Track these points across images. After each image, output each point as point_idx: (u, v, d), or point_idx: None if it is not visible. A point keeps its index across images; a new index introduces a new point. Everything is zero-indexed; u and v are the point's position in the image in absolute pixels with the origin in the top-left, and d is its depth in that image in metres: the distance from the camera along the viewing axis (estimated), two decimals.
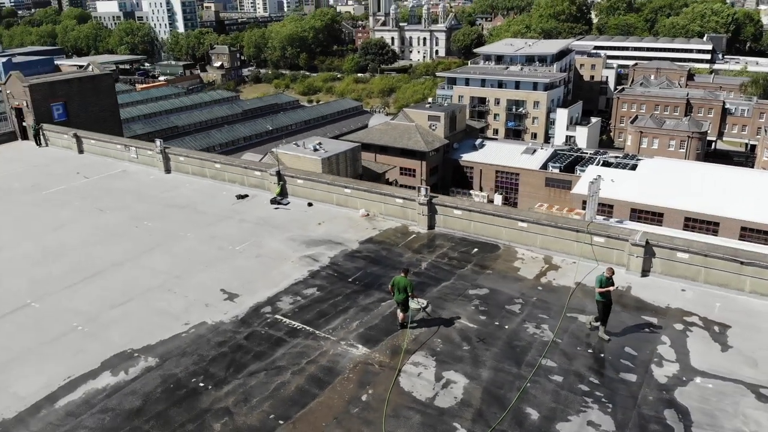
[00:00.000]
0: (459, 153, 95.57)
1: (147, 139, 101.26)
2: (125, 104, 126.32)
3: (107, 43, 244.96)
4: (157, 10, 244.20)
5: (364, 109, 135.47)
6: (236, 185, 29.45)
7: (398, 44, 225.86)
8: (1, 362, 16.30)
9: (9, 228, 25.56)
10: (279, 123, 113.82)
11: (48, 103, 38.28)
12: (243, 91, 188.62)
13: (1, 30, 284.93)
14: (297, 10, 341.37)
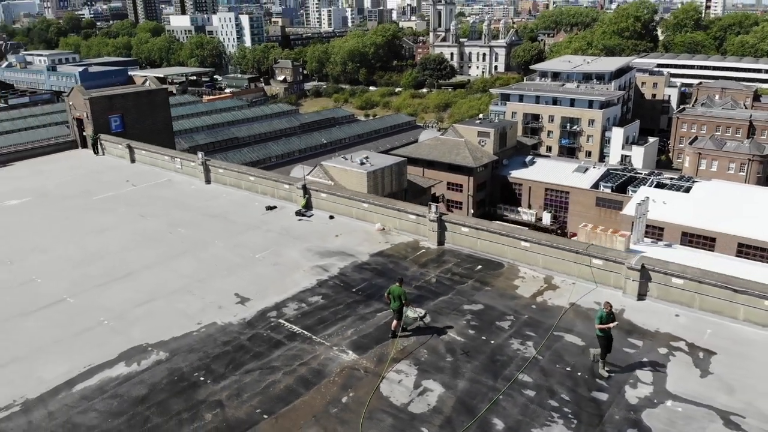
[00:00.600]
0: (508, 169, 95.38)
1: (209, 149, 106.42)
2: (191, 115, 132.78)
3: (179, 55, 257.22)
4: (227, 25, 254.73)
5: (416, 124, 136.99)
6: (267, 197, 31.26)
7: (457, 59, 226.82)
8: (33, 349, 18.36)
9: (58, 231, 28.13)
10: (333, 137, 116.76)
11: (106, 115, 41.48)
12: (303, 105, 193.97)
13: (80, 40, 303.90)
14: (360, 25, 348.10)
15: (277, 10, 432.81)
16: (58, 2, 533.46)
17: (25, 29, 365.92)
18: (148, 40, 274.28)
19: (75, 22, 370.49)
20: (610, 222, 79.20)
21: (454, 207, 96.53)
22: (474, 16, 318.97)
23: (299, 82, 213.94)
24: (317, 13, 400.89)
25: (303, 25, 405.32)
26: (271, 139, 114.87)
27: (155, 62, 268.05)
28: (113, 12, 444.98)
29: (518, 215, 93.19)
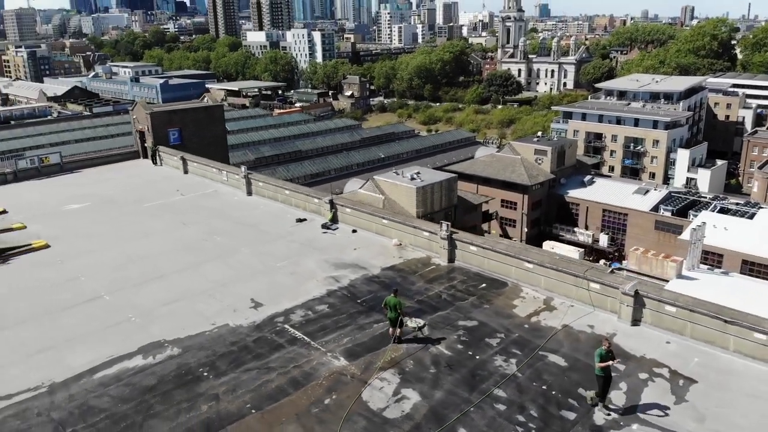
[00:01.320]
0: (566, 188, 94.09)
1: (273, 161, 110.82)
2: (260, 128, 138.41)
3: (254, 70, 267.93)
4: (300, 41, 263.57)
5: (476, 140, 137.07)
6: (299, 210, 33.12)
7: (525, 76, 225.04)
8: (67, 339, 20.68)
9: (108, 234, 30.93)
10: (391, 151, 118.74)
11: (165, 129, 44.80)
12: (368, 120, 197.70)
13: (163, 53, 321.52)
14: (430, 41, 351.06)
15: (350, 27, 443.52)
16: (145, 16, 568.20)
17: (113, 41, 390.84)
18: (226, 55, 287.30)
19: (160, 36, 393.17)
20: (669, 247, 76.85)
21: (508, 225, 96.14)
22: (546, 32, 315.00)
23: (366, 98, 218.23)
24: (389, 30, 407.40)
25: (374, 41, 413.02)
26: (332, 152, 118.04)
27: (232, 76, 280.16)
28: (196, 27, 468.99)
29: (574, 236, 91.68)
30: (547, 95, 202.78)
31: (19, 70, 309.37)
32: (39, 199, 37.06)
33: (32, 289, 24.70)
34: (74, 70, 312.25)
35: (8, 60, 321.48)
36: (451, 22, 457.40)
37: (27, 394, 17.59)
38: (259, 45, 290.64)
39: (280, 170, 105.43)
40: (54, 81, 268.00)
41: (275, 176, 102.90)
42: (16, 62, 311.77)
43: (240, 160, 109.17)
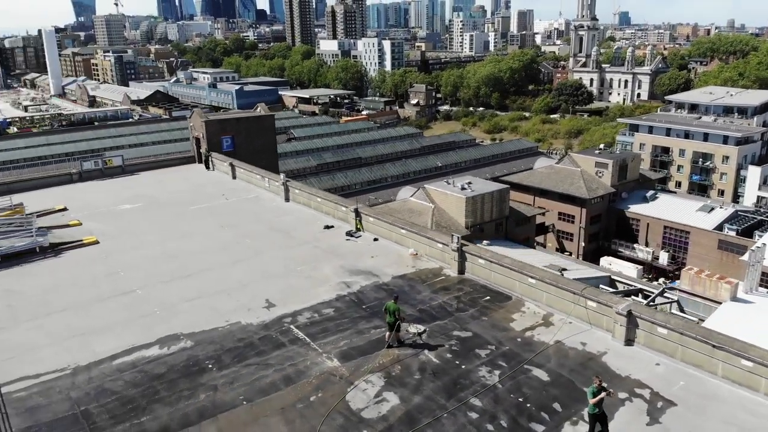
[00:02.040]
0: (627, 203, 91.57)
1: (333, 167, 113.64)
2: (324, 135, 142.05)
3: (325, 77, 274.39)
4: (370, 49, 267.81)
5: (538, 150, 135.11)
6: (329, 217, 34.61)
7: (597, 86, 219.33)
8: (97, 328, 22.89)
9: (152, 233, 33.46)
10: (449, 160, 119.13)
11: (219, 136, 47.55)
12: (432, 128, 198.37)
13: (241, 60, 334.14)
14: (501, 49, 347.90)
15: (422, 35, 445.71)
16: (227, 24, 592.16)
17: (196, 48, 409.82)
18: (299, 63, 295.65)
19: (239, 43, 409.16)
20: (732, 267, 73.53)
21: (565, 238, 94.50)
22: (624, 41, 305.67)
23: (431, 106, 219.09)
24: (460, 38, 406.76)
25: (446, 49, 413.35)
26: (390, 160, 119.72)
27: (304, 83, 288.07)
28: (274, 35, 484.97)
29: (633, 252, 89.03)
30: (619, 106, 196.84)
31: (106, 74, 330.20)
32: (97, 199, 40.34)
33: (77, 280, 27.27)
34: (158, 75, 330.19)
35: (97, 63, 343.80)
36: (525, 30, 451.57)
37: (53, 375, 19.78)
38: (331, 53, 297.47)
39: (339, 176, 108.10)
40: (138, 85, 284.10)
41: (334, 182, 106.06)
42: (104, 66, 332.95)
43: (303, 165, 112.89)
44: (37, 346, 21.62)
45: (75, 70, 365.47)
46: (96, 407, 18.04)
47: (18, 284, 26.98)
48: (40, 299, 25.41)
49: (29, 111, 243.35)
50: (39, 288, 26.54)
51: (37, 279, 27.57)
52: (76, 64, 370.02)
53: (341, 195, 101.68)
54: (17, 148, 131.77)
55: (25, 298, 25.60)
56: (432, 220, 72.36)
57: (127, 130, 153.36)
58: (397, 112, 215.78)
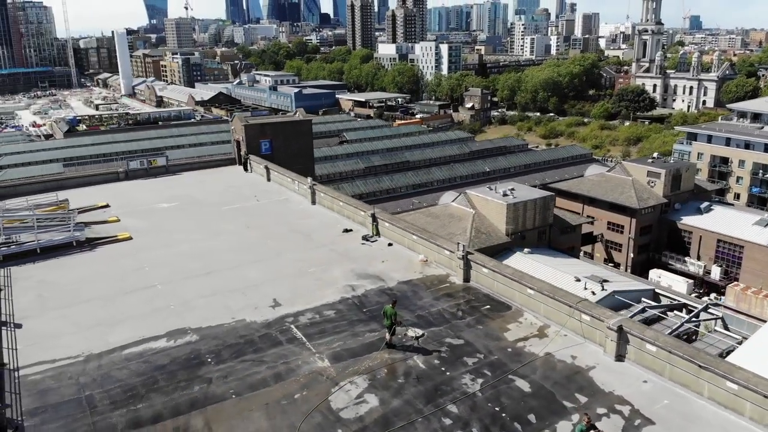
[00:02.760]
0: (679, 215, 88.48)
1: (380, 170, 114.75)
2: (374, 138, 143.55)
3: (382, 81, 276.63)
4: (427, 53, 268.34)
5: (592, 157, 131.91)
6: (349, 221, 35.42)
7: (660, 92, 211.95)
8: (115, 319, 24.45)
9: (183, 232, 35.16)
10: (498, 165, 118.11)
11: (258, 140, 49.25)
12: (486, 132, 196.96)
13: (302, 64, 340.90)
14: (564, 53, 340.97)
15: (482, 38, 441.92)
16: (291, 28, 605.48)
17: (260, 51, 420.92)
18: (358, 66, 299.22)
19: (302, 47, 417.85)
20: None
21: (614, 249, 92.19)
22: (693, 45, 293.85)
23: (486, 110, 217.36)
24: (521, 41, 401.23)
25: (507, 52, 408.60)
26: (438, 164, 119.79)
27: (362, 87, 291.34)
28: (336, 38, 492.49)
29: (684, 266, 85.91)
30: (681, 113, 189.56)
31: (174, 75, 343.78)
32: (138, 197, 42.63)
33: (105, 274, 29.10)
34: (222, 77, 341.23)
35: (165, 65, 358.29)
36: (590, 34, 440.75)
37: (67, 361, 21.37)
38: (388, 57, 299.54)
39: (385, 179, 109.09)
40: (203, 86, 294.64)
41: (379, 185, 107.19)
42: (172, 67, 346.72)
43: (352, 168, 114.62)
44: (59, 334, 23.34)
45: (145, 70, 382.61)
46: (99, 393, 19.43)
47: (52, 275, 29.07)
48: (69, 290, 27.32)
49: (100, 109, 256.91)
50: (70, 280, 28.51)
51: (70, 271, 29.60)
52: (146, 65, 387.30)
53: (386, 198, 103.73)
54: (83, 145, 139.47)
55: (56, 289, 27.58)
56: (471, 226, 72.23)
57: (188, 130, 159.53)
58: (451, 116, 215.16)
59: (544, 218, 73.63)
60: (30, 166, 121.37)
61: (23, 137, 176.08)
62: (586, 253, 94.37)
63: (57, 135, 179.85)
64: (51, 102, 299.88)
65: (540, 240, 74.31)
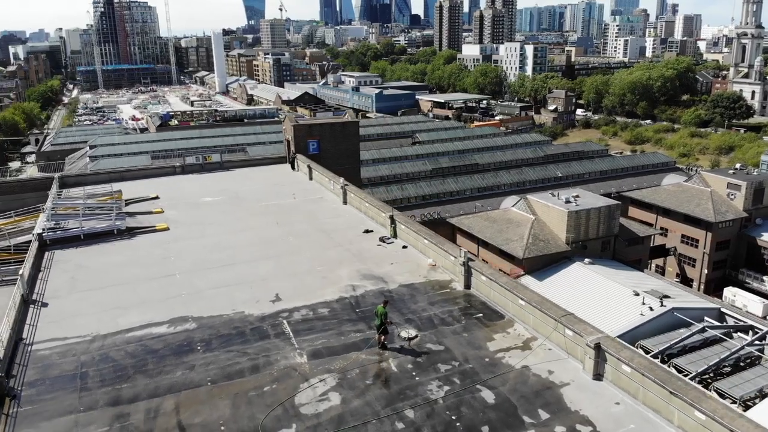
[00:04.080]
0: (760, 230, 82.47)
1: (447, 172, 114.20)
2: (448, 139, 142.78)
3: (464, 82, 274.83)
4: (511, 54, 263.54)
5: (676, 166, 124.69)
6: (373, 222, 35.86)
7: (759, 99, 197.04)
8: (130, 304, 26.17)
9: (217, 225, 36.87)
10: (572, 171, 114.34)
11: (306, 140, 50.65)
12: (569, 135, 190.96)
13: (387, 65, 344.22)
14: (659, 56, 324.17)
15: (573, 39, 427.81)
16: (381, 29, 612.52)
17: (348, 52, 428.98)
18: (441, 67, 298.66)
19: (389, 48, 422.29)
20: None
21: (687, 263, 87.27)
22: None
23: (570, 112, 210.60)
24: (615, 43, 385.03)
25: (598, 54, 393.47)
26: (508, 167, 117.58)
27: (443, 88, 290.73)
28: (424, 39, 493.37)
29: (763, 285, 79.98)
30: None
31: (265, 75, 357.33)
32: (187, 190, 45.06)
33: (135, 262, 31.15)
34: (310, 77, 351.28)
35: (258, 65, 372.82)
36: (690, 36, 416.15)
37: (76, 339, 23.19)
38: (472, 58, 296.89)
39: (450, 181, 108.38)
40: (291, 86, 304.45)
41: (444, 187, 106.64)
42: (264, 67, 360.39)
43: (419, 169, 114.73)
44: (77, 314, 25.33)
45: (239, 69, 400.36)
46: (93, 370, 21.00)
47: (88, 260, 31.45)
48: (98, 275, 29.49)
49: (195, 106, 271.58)
50: (102, 265, 30.76)
51: (105, 257, 31.90)
52: (240, 65, 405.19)
53: (450, 200, 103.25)
54: (171, 140, 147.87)
55: (87, 273, 29.85)
56: (529, 233, 70.79)
57: (269, 128, 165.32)
58: (532, 118, 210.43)
59: (608, 228, 70.87)
60: (121, 157, 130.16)
61: (120, 130, 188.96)
62: (658, 266, 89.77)
63: (151, 129, 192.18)
64: (151, 97, 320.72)
65: (603, 251, 71.66)
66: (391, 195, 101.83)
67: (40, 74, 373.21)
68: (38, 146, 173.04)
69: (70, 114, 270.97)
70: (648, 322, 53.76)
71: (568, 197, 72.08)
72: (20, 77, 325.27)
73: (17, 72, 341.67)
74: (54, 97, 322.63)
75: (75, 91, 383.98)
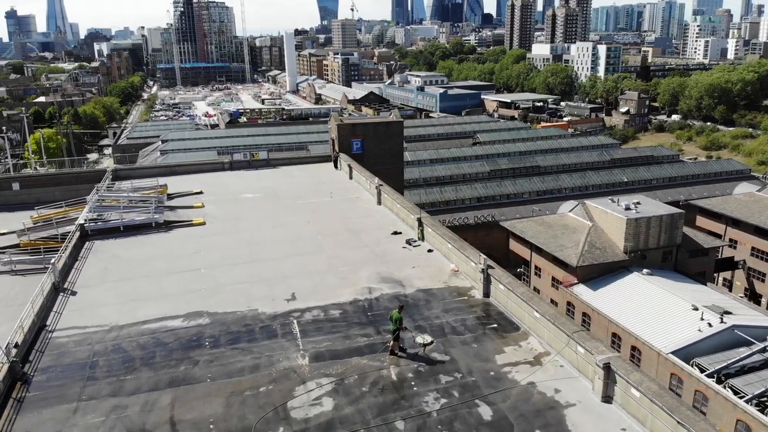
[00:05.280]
0: None
1: (505, 174, 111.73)
2: (510, 140, 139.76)
3: (532, 82, 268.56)
4: (583, 54, 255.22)
5: (751, 174, 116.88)
6: (403, 223, 35.23)
7: None
8: (151, 296, 26.75)
9: (252, 221, 37.18)
10: (639, 176, 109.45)
11: (350, 139, 50.55)
12: (640, 138, 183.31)
13: (454, 64, 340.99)
14: (741, 58, 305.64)
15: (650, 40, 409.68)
16: (451, 28, 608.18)
17: (416, 52, 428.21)
18: (509, 67, 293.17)
19: (458, 47, 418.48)
20: None
21: (757, 278, 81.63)
22: None
23: (643, 115, 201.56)
24: (695, 44, 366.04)
25: (677, 55, 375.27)
26: (570, 171, 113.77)
27: (511, 87, 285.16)
28: (495, 39, 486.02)
29: None
30: None
31: (334, 74, 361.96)
32: (231, 186, 45.84)
33: (166, 255, 31.88)
34: (378, 77, 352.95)
35: (327, 64, 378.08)
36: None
37: (94, 328, 23.87)
38: (542, 58, 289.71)
39: (508, 184, 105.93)
40: (358, 86, 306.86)
41: (501, 189, 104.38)
42: (333, 67, 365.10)
43: (476, 170, 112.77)
44: (102, 304, 26.09)
45: (310, 69, 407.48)
46: (103, 360, 21.52)
47: (123, 251, 32.46)
48: (129, 266, 30.36)
49: (265, 104, 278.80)
50: (135, 256, 31.66)
51: (139, 249, 32.84)
52: (311, 64, 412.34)
53: (506, 203, 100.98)
54: (238, 136, 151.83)
55: (120, 263, 30.79)
56: (585, 240, 68.21)
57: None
58: (602, 120, 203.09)
59: (670, 237, 67.26)
60: (189, 152, 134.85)
61: (191, 126, 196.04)
62: (726, 280, 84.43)
63: (221, 125, 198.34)
64: (224, 95, 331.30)
65: (664, 261, 68.14)
66: (445, 196, 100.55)
67: (122, 71, 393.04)
68: (115, 139, 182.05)
69: (147, 109, 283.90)
70: (706, 339, 50.77)
71: (628, 204, 68.87)
72: (102, 73, 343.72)
73: (100, 68, 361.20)
74: (134, 93, 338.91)
75: (155, 88, 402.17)
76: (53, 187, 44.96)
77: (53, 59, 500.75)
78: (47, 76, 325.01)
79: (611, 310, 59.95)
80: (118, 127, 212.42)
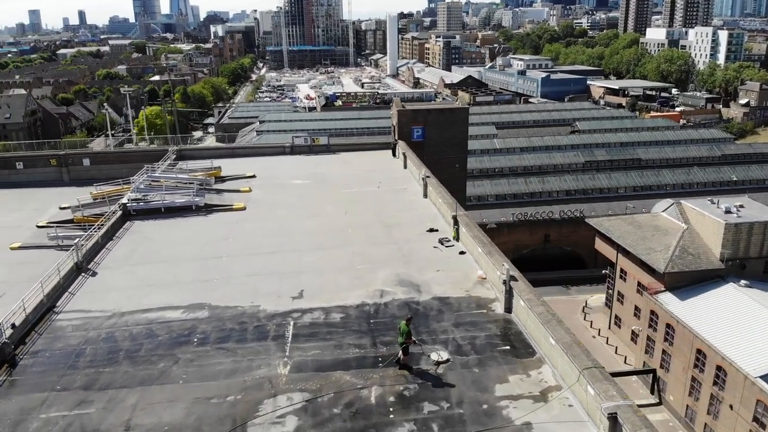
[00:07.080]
0: None
1: (605, 166, 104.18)
2: (611, 130, 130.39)
3: (644, 68, 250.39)
4: (702, 40, 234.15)
5: None
6: (443, 220, 32.55)
7: None
8: (162, 284, 26.14)
9: (291, 208, 35.91)
10: (750, 175, 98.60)
11: (410, 126, 48.16)
12: (760, 134, 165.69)
13: (561, 48, 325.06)
14: None
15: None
16: (563, 11, 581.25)
17: (523, 35, 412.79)
18: (620, 51, 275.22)
19: (568, 31, 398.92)
20: None
21: None
22: None
23: (765, 108, 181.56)
24: None
25: None
26: (674, 166, 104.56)
27: (621, 73, 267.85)
28: (609, 22, 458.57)
29: None
30: None
31: (435, 58, 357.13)
32: (284, 171, 45.03)
33: (195, 240, 31.34)
34: (479, 61, 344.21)
35: (429, 48, 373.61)
36: None
37: (97, 314, 23.52)
38: (656, 43, 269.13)
39: (602, 177, 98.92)
40: (458, 69, 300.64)
41: (594, 183, 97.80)
42: (434, 50, 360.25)
43: (570, 161, 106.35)
44: (114, 288, 25.83)
45: (412, 52, 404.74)
46: (91, 348, 21.00)
47: (157, 234, 32.34)
48: (155, 249, 30.13)
49: (365, 87, 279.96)
50: (165, 239, 31.42)
51: (172, 232, 32.61)
52: (413, 48, 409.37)
53: (599, 198, 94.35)
54: (330, 119, 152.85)
55: (150, 245, 30.62)
56: (677, 244, 62.34)
57: None
58: (719, 112, 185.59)
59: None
60: (282, 133, 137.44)
61: (290, 108, 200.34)
62: None
63: (318, 108, 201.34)
64: (327, 78, 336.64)
65: (767, 273, 60.75)
66: (530, 187, 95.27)
67: (233, 52, 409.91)
68: (218, 118, 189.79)
69: (254, 90, 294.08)
70: None
71: (729, 206, 61.80)
72: (215, 54, 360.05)
73: (213, 49, 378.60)
74: (243, 74, 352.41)
75: (263, 70, 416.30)
76: (120, 164, 46.23)
77: (173, 40, 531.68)
78: (166, 56, 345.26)
79: (698, 323, 54.04)
80: (224, 107, 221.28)
